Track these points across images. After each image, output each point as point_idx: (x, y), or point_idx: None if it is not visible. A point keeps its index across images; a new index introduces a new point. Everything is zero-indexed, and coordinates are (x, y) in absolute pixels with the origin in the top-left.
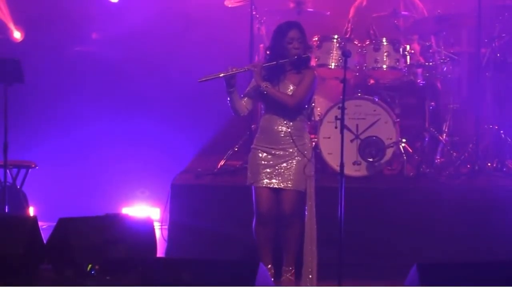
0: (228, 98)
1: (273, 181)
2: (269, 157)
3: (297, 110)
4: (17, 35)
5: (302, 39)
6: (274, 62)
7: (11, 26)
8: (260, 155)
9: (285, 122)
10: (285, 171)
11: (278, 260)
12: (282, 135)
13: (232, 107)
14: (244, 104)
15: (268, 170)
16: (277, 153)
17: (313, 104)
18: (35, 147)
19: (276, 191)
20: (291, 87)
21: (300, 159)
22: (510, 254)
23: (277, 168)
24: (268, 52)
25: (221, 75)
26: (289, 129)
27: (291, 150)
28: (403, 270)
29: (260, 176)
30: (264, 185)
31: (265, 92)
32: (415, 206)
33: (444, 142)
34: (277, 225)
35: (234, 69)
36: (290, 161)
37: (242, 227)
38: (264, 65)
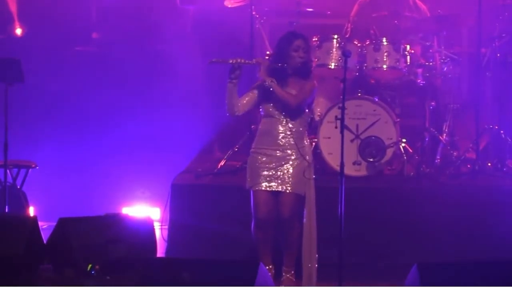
0: (227, 93)
1: (273, 183)
2: (269, 159)
3: (297, 114)
4: (18, 31)
5: (306, 49)
6: (280, 65)
7: (15, 20)
8: (260, 157)
9: (285, 124)
10: (285, 174)
11: (278, 260)
12: (282, 137)
13: (228, 103)
14: (242, 104)
15: (268, 173)
16: (277, 154)
17: (312, 116)
18: (35, 147)
19: (275, 194)
20: (292, 92)
21: (300, 162)
22: (510, 254)
23: (277, 170)
24: (272, 58)
25: (230, 61)
26: (289, 132)
27: (290, 152)
28: (403, 270)
29: (259, 179)
30: (263, 188)
31: (270, 87)
32: (415, 206)
33: (444, 142)
34: (276, 227)
35: (242, 60)
36: (290, 164)
37: (242, 227)
38: (271, 64)
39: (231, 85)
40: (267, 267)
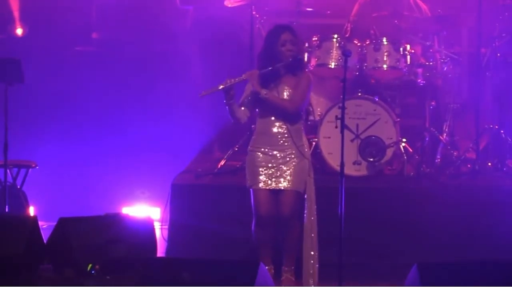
0: (228, 111)
1: (272, 182)
2: (267, 158)
3: (294, 113)
4: (19, 31)
5: (295, 41)
6: (270, 68)
7: (17, 20)
8: (258, 156)
9: (282, 123)
10: (284, 172)
11: (278, 260)
12: (280, 136)
13: (232, 117)
14: (243, 111)
15: (267, 171)
16: (276, 153)
17: (310, 108)
18: (35, 147)
19: (275, 192)
20: (288, 91)
21: (299, 160)
22: (510, 254)
23: (276, 169)
24: (261, 57)
25: (220, 87)
26: (287, 131)
27: (290, 151)
28: (403, 270)
29: (259, 178)
30: (263, 187)
31: (265, 100)
32: (415, 206)
33: (445, 142)
34: (276, 226)
35: (232, 80)
36: (289, 162)
37: (242, 227)
38: (260, 72)
39: (230, 105)
40: (267, 267)
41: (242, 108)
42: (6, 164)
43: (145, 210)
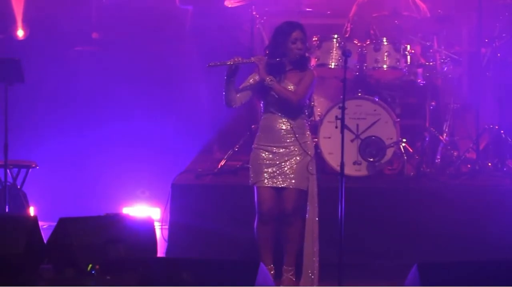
0: (224, 88)
1: (276, 180)
2: (271, 155)
3: (297, 108)
4: (20, 33)
5: (304, 40)
6: (278, 59)
7: (19, 22)
8: (262, 154)
9: (286, 120)
10: (287, 170)
11: (279, 259)
12: (284, 133)
13: (226, 97)
14: (239, 96)
15: (270, 169)
16: (279, 150)
17: (312, 103)
18: (35, 147)
19: (278, 190)
20: (291, 87)
21: (302, 157)
22: (510, 254)
23: (279, 166)
24: (268, 51)
25: (228, 63)
26: (291, 127)
27: (293, 148)
28: (403, 270)
29: (262, 176)
30: (266, 185)
31: (270, 86)
32: (415, 206)
33: (445, 142)
34: (278, 224)
35: (240, 59)
36: (292, 159)
37: (242, 227)
38: (268, 61)
39: (228, 82)
40: (268, 267)
41: (241, 92)
42: (6, 164)
43: (145, 210)
